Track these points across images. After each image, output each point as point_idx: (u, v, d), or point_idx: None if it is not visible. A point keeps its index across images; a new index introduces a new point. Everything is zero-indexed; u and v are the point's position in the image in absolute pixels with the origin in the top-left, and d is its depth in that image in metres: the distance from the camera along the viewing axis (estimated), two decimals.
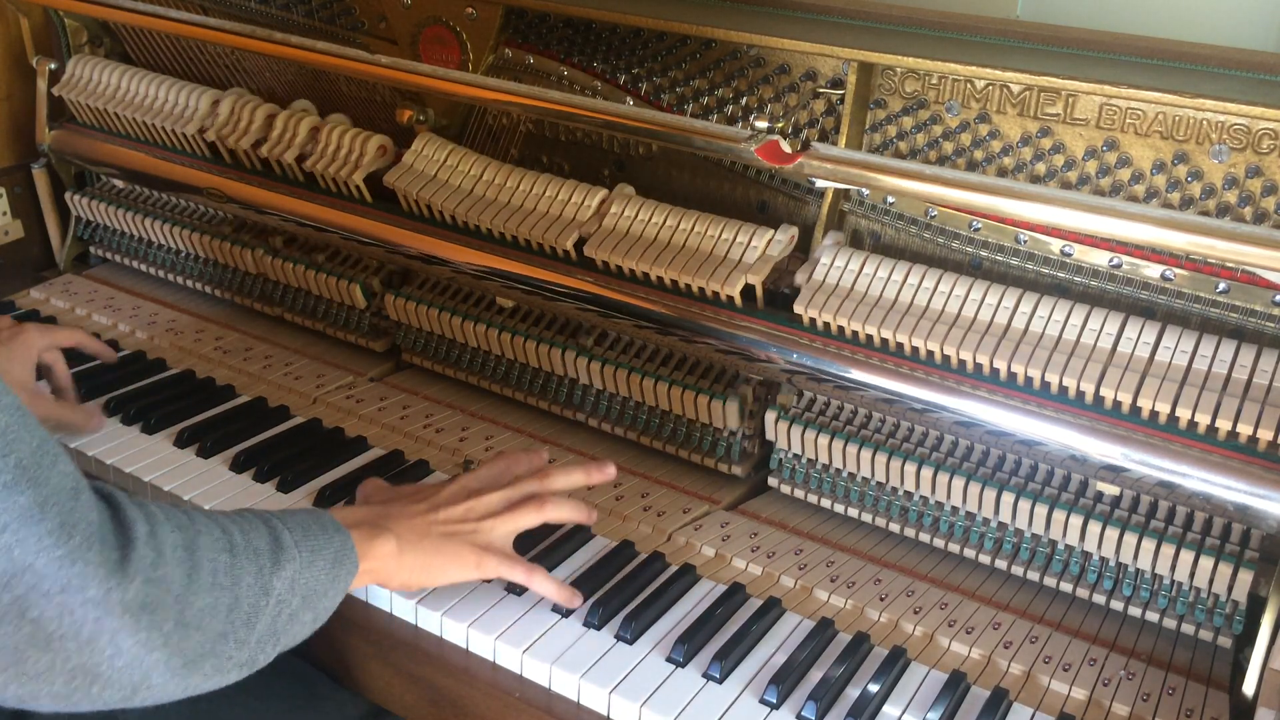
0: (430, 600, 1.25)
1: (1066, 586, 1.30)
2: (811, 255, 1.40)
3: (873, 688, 1.16)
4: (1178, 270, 1.27)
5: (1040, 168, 1.36)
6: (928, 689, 1.18)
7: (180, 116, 1.81)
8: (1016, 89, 1.35)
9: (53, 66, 1.97)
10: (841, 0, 1.56)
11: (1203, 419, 1.16)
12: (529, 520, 1.26)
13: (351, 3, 1.82)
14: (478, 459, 1.53)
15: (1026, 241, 1.34)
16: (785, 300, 1.38)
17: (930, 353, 1.29)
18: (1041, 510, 1.27)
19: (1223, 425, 1.15)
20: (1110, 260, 1.30)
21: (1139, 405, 1.19)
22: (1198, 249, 1.14)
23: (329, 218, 1.69)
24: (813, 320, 1.35)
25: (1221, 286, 1.25)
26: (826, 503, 1.45)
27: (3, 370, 1.45)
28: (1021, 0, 1.94)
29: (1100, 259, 1.30)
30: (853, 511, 1.43)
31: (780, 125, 1.35)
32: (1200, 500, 1.17)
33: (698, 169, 1.59)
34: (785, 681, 1.16)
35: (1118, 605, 1.28)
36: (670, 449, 1.54)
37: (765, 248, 1.39)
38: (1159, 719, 1.15)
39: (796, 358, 1.35)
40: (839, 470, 1.41)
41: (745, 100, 1.54)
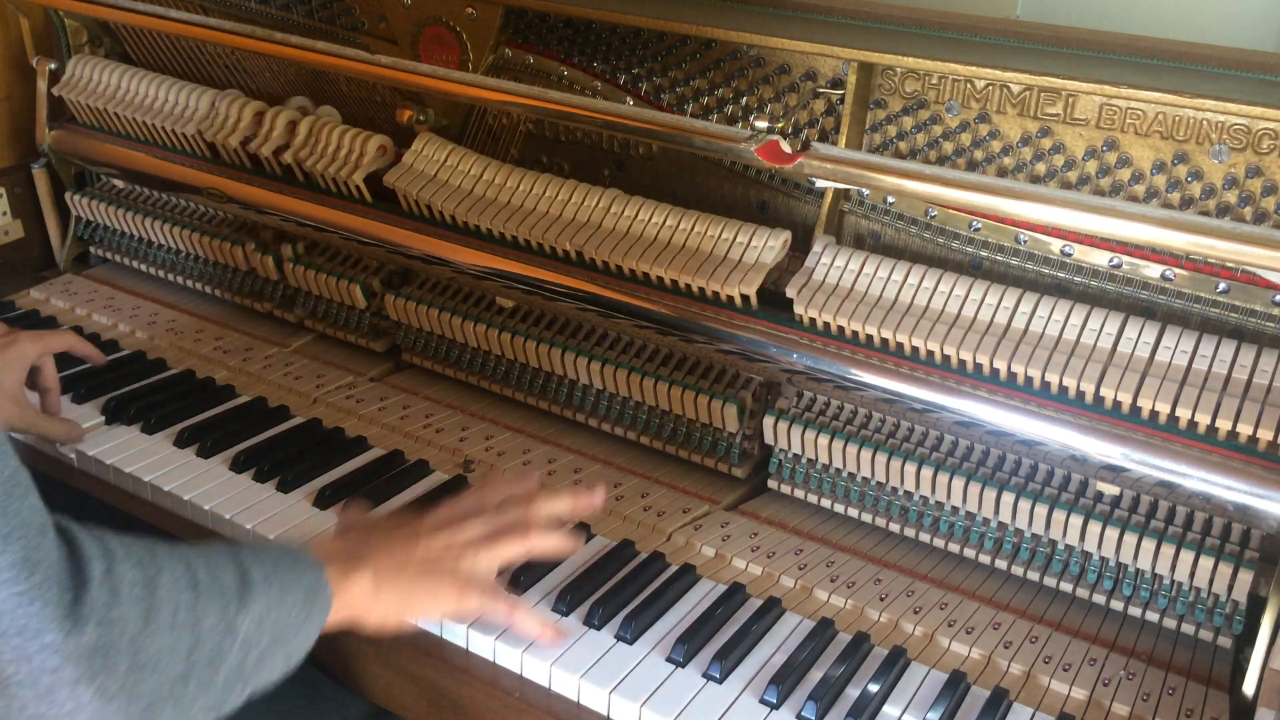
0: None
1: (1066, 586, 1.30)
2: (808, 255, 1.39)
3: (873, 688, 1.16)
4: (1178, 270, 1.27)
5: (1040, 168, 1.36)
6: (928, 689, 1.18)
7: (180, 116, 1.81)
8: (1016, 89, 1.35)
9: (53, 66, 1.97)
10: (841, 0, 1.56)
11: (1203, 419, 1.16)
12: (513, 551, 1.21)
13: (351, 3, 1.82)
14: (478, 459, 1.53)
15: (1026, 241, 1.34)
16: (785, 300, 1.38)
17: (930, 353, 1.29)
18: (1041, 510, 1.27)
19: (1223, 425, 1.15)
20: (1110, 260, 1.30)
21: (1139, 405, 1.19)
22: (1198, 249, 1.14)
23: (329, 218, 1.69)
24: (812, 320, 1.35)
25: (1221, 286, 1.25)
26: (826, 503, 1.45)
27: None
28: (1021, 0, 1.95)
29: (1100, 259, 1.30)
30: (853, 511, 1.43)
31: (780, 125, 1.35)
32: (1200, 500, 1.17)
33: (698, 169, 1.59)
34: (785, 681, 1.16)
35: (1118, 605, 1.28)
36: (670, 449, 1.54)
37: (759, 255, 1.39)
38: (1159, 719, 1.15)
39: (796, 358, 1.35)
40: (839, 470, 1.41)
41: (745, 100, 1.54)
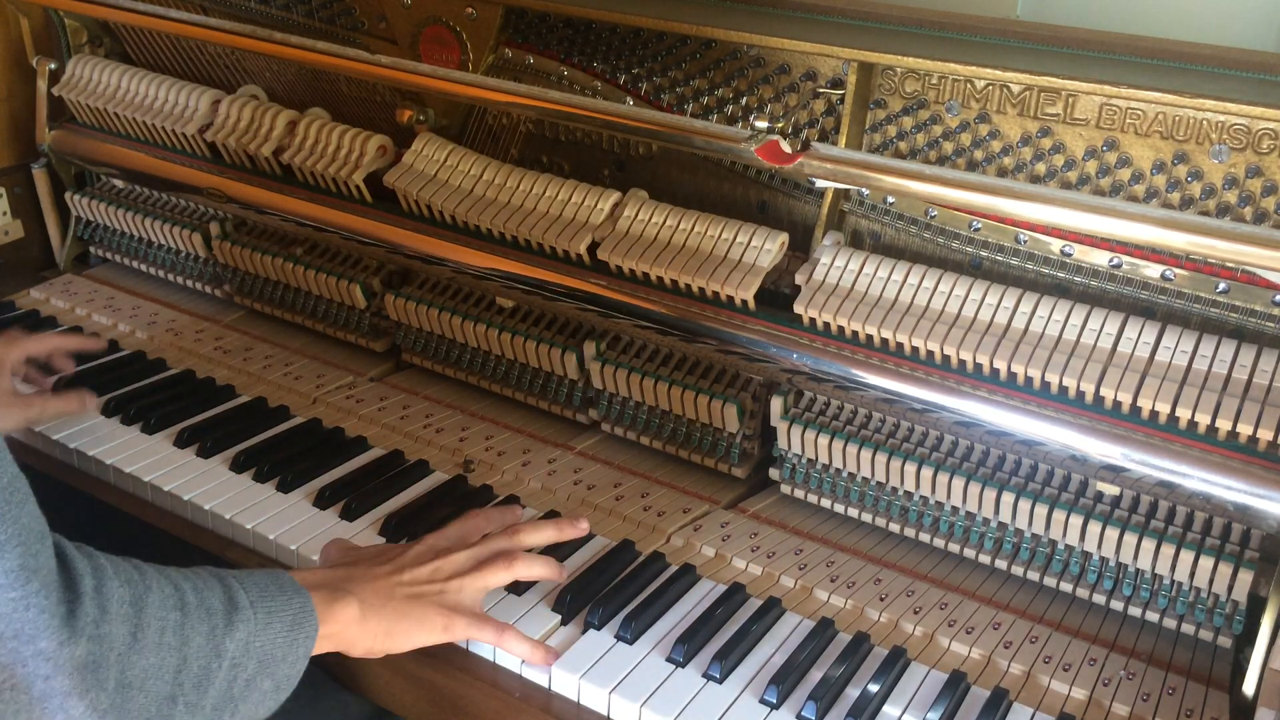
0: None
1: (1066, 586, 1.30)
2: (811, 255, 1.40)
3: (873, 688, 1.16)
4: (1178, 270, 1.27)
5: (1040, 168, 1.36)
6: (928, 689, 1.18)
7: (180, 116, 1.81)
8: (1016, 89, 1.35)
9: (53, 66, 1.97)
10: (842, 0, 1.56)
11: (1203, 419, 1.16)
12: (498, 578, 1.21)
13: (351, 3, 1.82)
14: (478, 459, 1.53)
15: (1026, 241, 1.34)
16: (785, 300, 1.38)
17: (930, 353, 1.29)
18: (1041, 510, 1.27)
19: (1223, 425, 1.15)
20: (1110, 260, 1.30)
21: (1139, 405, 1.19)
22: (1198, 249, 1.14)
23: (329, 218, 1.69)
24: (813, 320, 1.35)
25: (1221, 286, 1.25)
26: (826, 503, 1.45)
27: None
28: (1021, 0, 1.94)
29: (1100, 259, 1.30)
30: (853, 511, 1.43)
31: (780, 125, 1.35)
32: (1200, 500, 1.17)
33: (698, 169, 1.59)
34: (785, 681, 1.16)
35: (1118, 605, 1.28)
36: (670, 449, 1.54)
37: (757, 258, 1.39)
38: (1159, 719, 1.15)
39: (797, 358, 1.35)
40: (839, 470, 1.41)
41: (745, 100, 1.54)
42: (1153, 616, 1.26)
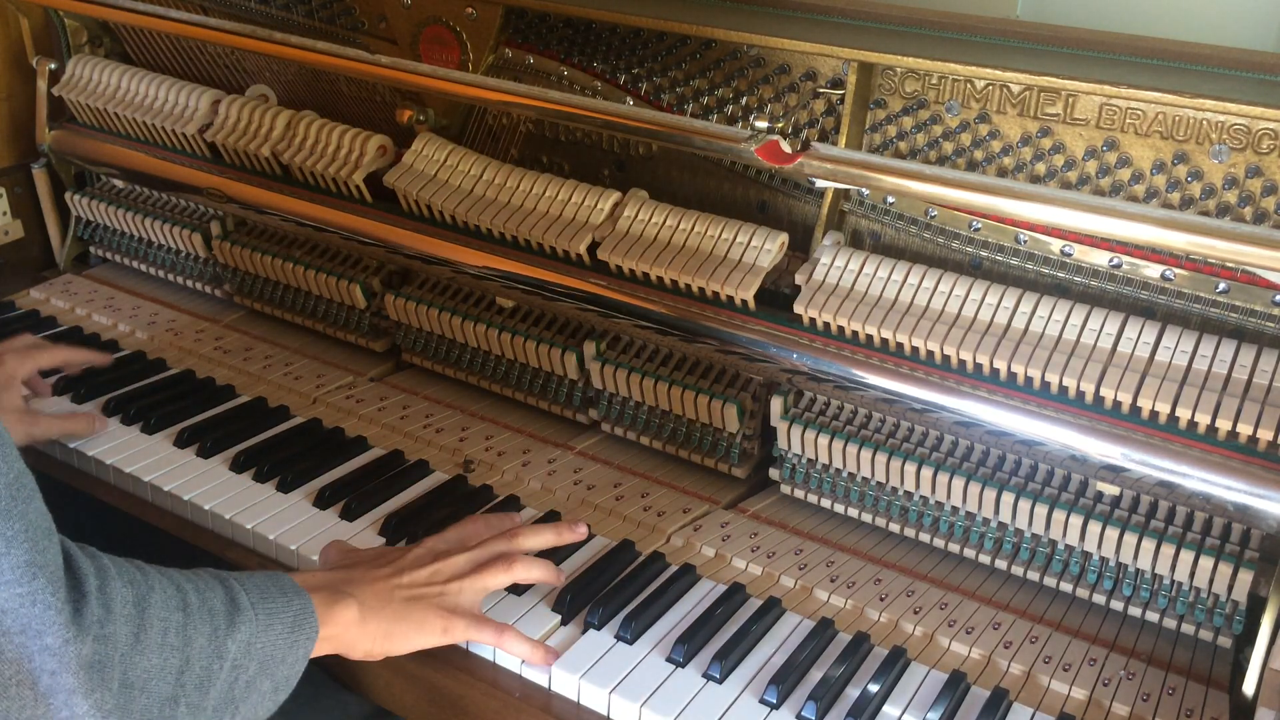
0: None
1: (1066, 586, 1.30)
2: (811, 255, 1.40)
3: (873, 688, 1.16)
4: (1178, 270, 1.27)
5: (1040, 168, 1.36)
6: (928, 689, 1.18)
7: (180, 116, 1.81)
8: (1016, 89, 1.35)
9: (53, 66, 1.97)
10: (842, 0, 1.56)
11: (1203, 419, 1.16)
12: (497, 580, 1.22)
13: (351, 3, 1.82)
14: (478, 459, 1.53)
15: (1026, 241, 1.34)
16: (785, 300, 1.38)
17: (930, 353, 1.29)
18: (1041, 510, 1.26)
19: (1223, 425, 1.15)
20: (1110, 260, 1.30)
21: (1139, 405, 1.19)
22: (1198, 249, 1.14)
23: (329, 218, 1.69)
24: (813, 320, 1.35)
25: (1221, 286, 1.25)
26: (826, 503, 1.45)
27: None
28: (1021, 0, 1.94)
29: (1100, 259, 1.30)
30: (853, 511, 1.43)
31: (780, 125, 1.35)
32: (1200, 500, 1.17)
33: (698, 169, 1.59)
34: (785, 681, 1.16)
35: (1118, 605, 1.28)
36: (670, 449, 1.54)
37: (757, 258, 1.39)
38: (1159, 719, 1.15)
39: (797, 358, 1.35)
40: (839, 470, 1.41)
41: (745, 100, 1.54)
42: (1153, 616, 1.26)
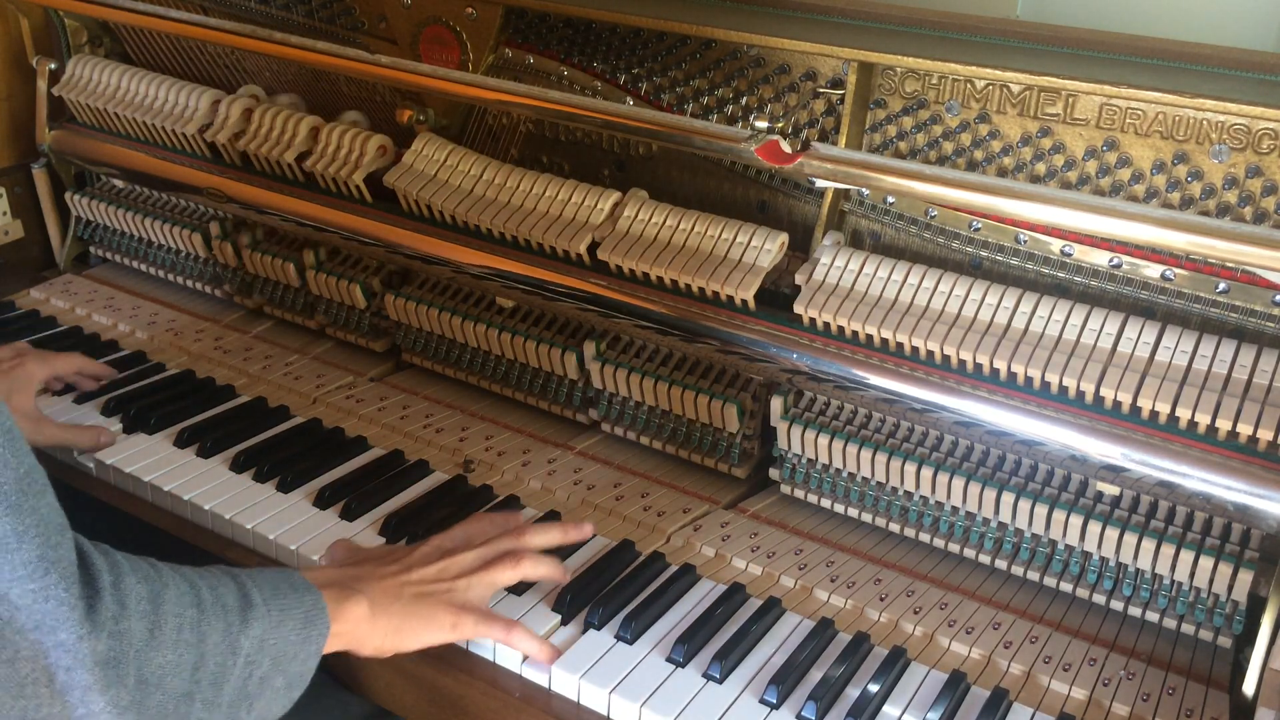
0: None
1: (1066, 586, 1.30)
2: (811, 255, 1.40)
3: (873, 688, 1.16)
4: (1178, 270, 1.27)
5: (1040, 168, 1.36)
6: (928, 689, 1.18)
7: (180, 116, 1.81)
8: (1016, 89, 1.35)
9: (53, 66, 1.97)
10: (842, 0, 1.56)
11: (1203, 419, 1.16)
12: (505, 577, 1.22)
13: (351, 3, 1.82)
14: (478, 459, 1.53)
15: (1026, 241, 1.34)
16: (785, 300, 1.38)
17: (930, 353, 1.29)
18: (1041, 510, 1.27)
19: (1223, 425, 1.15)
20: (1110, 260, 1.30)
21: (1139, 405, 1.19)
22: (1198, 249, 1.14)
23: (329, 218, 1.69)
24: (812, 320, 1.35)
25: (1221, 286, 1.25)
26: (826, 503, 1.45)
27: (5, 398, 1.45)
28: (1021, 0, 1.94)
29: (1100, 259, 1.30)
30: (853, 511, 1.43)
31: (780, 125, 1.35)
32: (1200, 500, 1.17)
33: (698, 169, 1.59)
34: (785, 681, 1.16)
35: (1118, 605, 1.28)
36: (670, 449, 1.54)
37: (757, 258, 1.39)
38: (1159, 719, 1.15)
39: (797, 358, 1.35)
40: (839, 470, 1.41)
41: (745, 100, 1.54)
42: (1153, 616, 1.26)
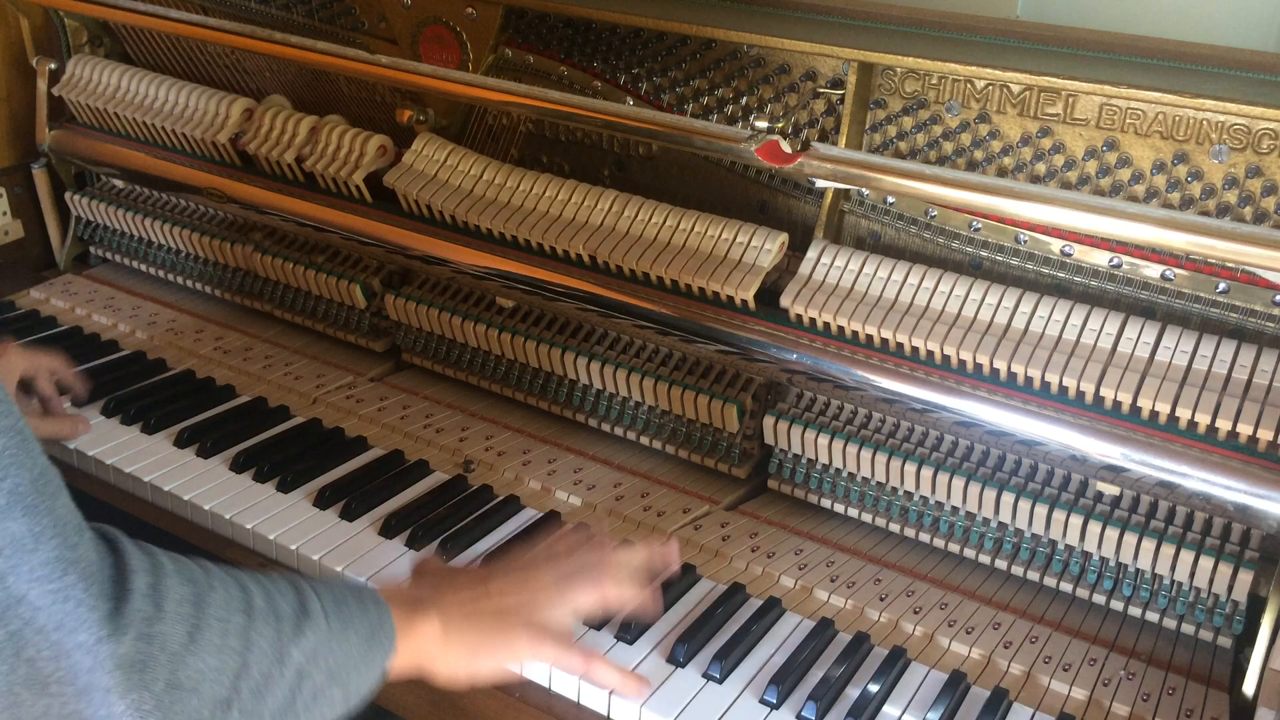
0: None
1: (1066, 586, 1.30)
2: (804, 261, 1.39)
3: (873, 688, 1.16)
4: (1178, 270, 1.27)
5: (1040, 168, 1.36)
6: (928, 689, 1.18)
7: (181, 117, 1.81)
8: (1016, 89, 1.35)
9: (53, 66, 1.97)
10: (841, 0, 1.56)
11: (1203, 419, 1.16)
12: (587, 600, 1.14)
13: (351, 3, 1.82)
14: (478, 459, 1.53)
15: (1026, 241, 1.34)
16: None
17: (930, 353, 1.29)
18: (1041, 510, 1.27)
19: (1223, 425, 1.15)
20: (1110, 260, 1.30)
21: (1139, 405, 1.19)
22: (1198, 249, 1.14)
23: (329, 218, 1.69)
24: (812, 320, 1.35)
25: (1221, 286, 1.25)
26: (826, 503, 1.45)
27: None
28: (1021, 0, 1.94)
29: (1100, 259, 1.30)
30: (853, 511, 1.43)
31: (780, 125, 1.36)
32: (1200, 500, 1.17)
33: (698, 169, 1.59)
34: (785, 681, 1.16)
35: (1118, 605, 1.28)
36: (670, 449, 1.54)
37: (757, 257, 1.39)
38: (1159, 719, 1.15)
39: (796, 358, 1.35)
40: (839, 470, 1.41)
41: (745, 100, 1.54)
42: (1153, 616, 1.26)
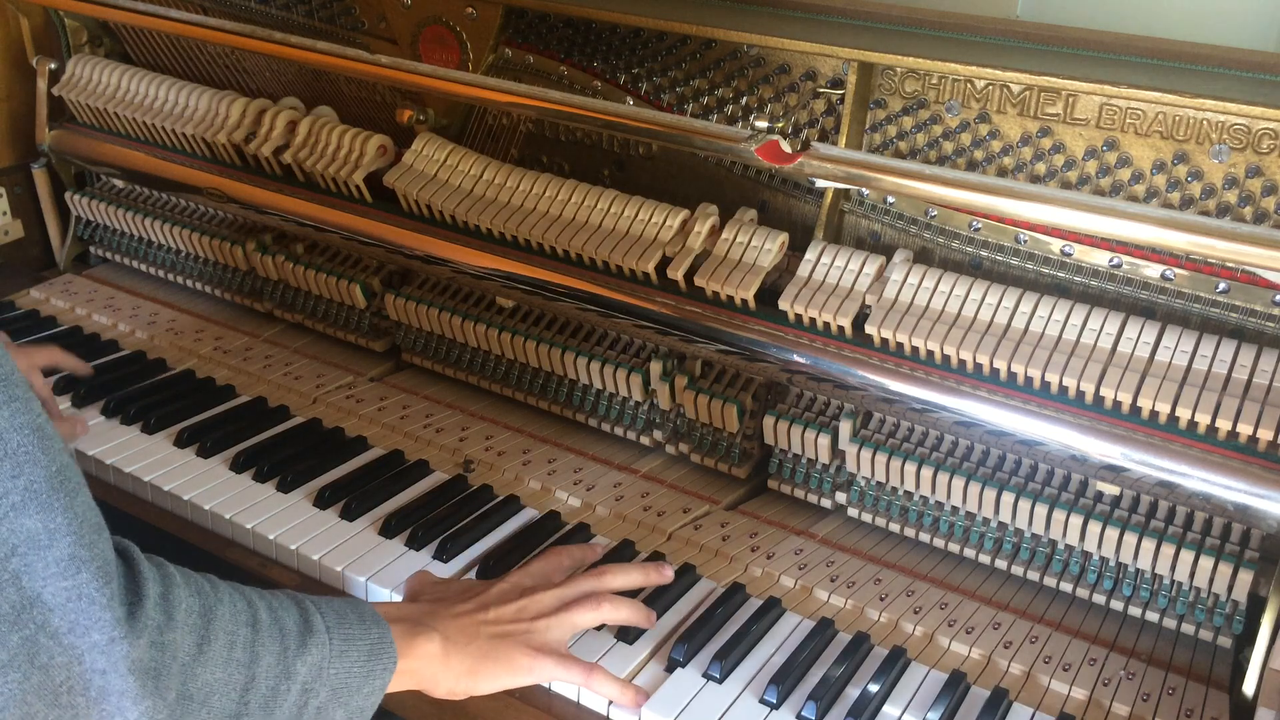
0: None
1: (1066, 586, 1.30)
2: (805, 257, 1.39)
3: (873, 688, 1.16)
4: (1178, 270, 1.27)
5: (1040, 168, 1.36)
6: (928, 689, 1.18)
7: (180, 116, 1.81)
8: (1016, 89, 1.35)
9: (53, 66, 1.97)
10: (841, 0, 1.56)
11: (1203, 419, 1.16)
12: (586, 619, 1.18)
13: (351, 3, 1.82)
14: (478, 459, 1.53)
15: (1026, 241, 1.34)
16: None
17: (930, 352, 1.29)
18: (1041, 510, 1.27)
19: (1223, 425, 1.15)
20: (1110, 260, 1.30)
21: (1139, 405, 1.19)
22: (1198, 249, 1.14)
23: (329, 218, 1.69)
24: (811, 320, 1.35)
25: (1221, 286, 1.25)
26: (826, 503, 1.45)
27: None
28: (1021, 0, 1.94)
29: (1100, 259, 1.30)
30: (852, 511, 1.43)
31: (780, 125, 1.35)
32: (1200, 500, 1.17)
33: (698, 169, 1.59)
34: (785, 681, 1.16)
35: (1118, 605, 1.28)
36: (670, 449, 1.54)
37: (757, 258, 1.39)
38: (1159, 719, 1.15)
39: (796, 358, 1.35)
40: (839, 470, 1.41)
41: (745, 100, 1.54)
42: (1153, 616, 1.26)
